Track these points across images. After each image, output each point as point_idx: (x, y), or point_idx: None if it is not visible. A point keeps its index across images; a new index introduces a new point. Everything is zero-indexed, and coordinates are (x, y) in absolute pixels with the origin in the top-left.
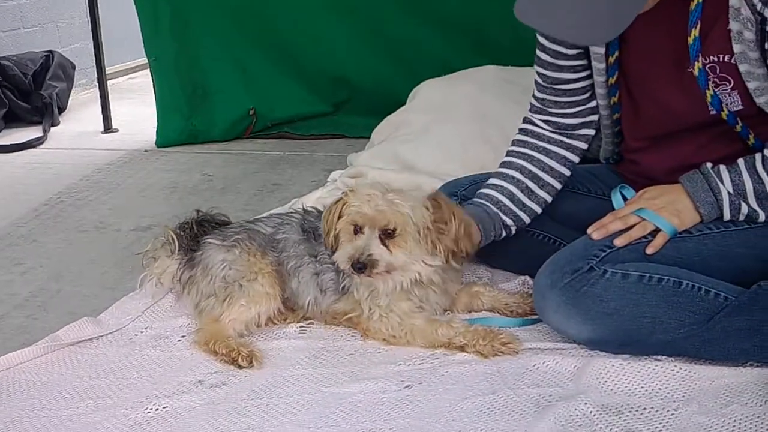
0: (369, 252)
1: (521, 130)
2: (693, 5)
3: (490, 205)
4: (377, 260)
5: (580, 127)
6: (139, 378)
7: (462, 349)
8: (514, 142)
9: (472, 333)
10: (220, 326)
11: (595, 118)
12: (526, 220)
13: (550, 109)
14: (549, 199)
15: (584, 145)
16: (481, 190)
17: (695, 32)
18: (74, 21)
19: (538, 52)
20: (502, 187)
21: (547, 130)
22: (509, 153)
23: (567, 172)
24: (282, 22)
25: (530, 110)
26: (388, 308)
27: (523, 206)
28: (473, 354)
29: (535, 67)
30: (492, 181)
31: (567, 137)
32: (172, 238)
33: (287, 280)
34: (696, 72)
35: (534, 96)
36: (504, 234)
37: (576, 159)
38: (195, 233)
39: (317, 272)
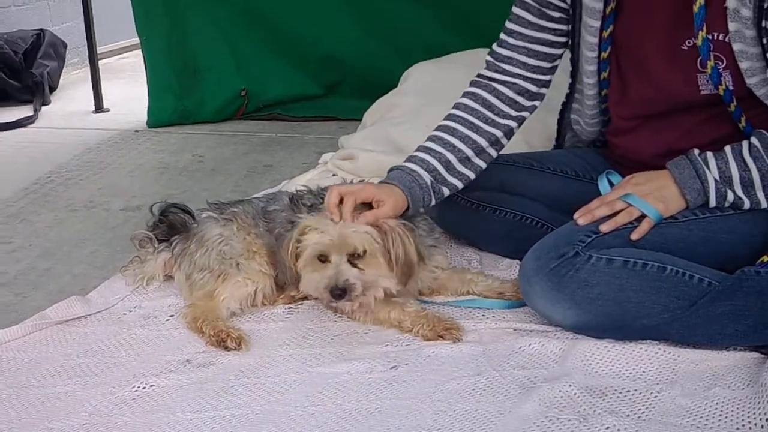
0: (345, 278)
1: (467, 94)
2: None
3: (425, 173)
4: (354, 284)
5: (532, 98)
6: (127, 356)
7: (409, 331)
8: (456, 105)
9: (421, 318)
10: (212, 304)
11: (545, 91)
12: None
13: (512, 69)
14: (471, 175)
15: (515, 123)
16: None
17: (700, 0)
18: None
19: (519, 11)
20: (439, 153)
21: (496, 99)
22: (448, 116)
23: (494, 153)
24: (275, 2)
25: (487, 68)
26: None
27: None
28: (417, 336)
29: (510, 25)
30: (427, 144)
31: (511, 108)
32: (149, 238)
33: (278, 251)
34: (699, 42)
35: (494, 52)
36: (434, 201)
37: (505, 141)
38: (167, 224)
39: None
